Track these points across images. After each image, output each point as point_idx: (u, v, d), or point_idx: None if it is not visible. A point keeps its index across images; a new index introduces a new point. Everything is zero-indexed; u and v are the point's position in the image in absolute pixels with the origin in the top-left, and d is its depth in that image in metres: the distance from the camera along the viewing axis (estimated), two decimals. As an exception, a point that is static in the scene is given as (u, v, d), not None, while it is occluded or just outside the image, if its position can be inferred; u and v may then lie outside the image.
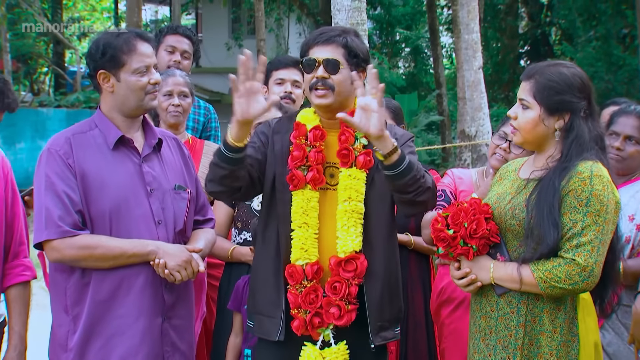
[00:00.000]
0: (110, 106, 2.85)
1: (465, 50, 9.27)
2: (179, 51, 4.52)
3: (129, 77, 2.79)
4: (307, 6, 19.29)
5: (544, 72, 2.61)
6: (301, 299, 2.73)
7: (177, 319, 2.86)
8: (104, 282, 2.73)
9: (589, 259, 2.46)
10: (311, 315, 2.74)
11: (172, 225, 2.86)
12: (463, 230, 2.58)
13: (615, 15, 15.65)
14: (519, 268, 2.52)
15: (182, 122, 3.98)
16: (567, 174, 2.51)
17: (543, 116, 2.58)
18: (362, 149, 2.81)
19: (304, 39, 12.58)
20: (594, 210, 2.47)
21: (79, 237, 2.68)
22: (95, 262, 2.70)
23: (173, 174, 2.93)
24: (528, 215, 2.53)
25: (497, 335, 2.60)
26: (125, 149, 2.83)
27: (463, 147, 10.38)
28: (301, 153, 2.78)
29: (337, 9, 5.49)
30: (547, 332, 2.55)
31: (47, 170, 2.73)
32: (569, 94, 2.57)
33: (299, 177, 2.77)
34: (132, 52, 2.78)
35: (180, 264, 2.74)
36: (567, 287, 2.47)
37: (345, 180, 2.77)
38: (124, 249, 2.71)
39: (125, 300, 2.74)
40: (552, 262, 2.49)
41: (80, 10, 28.29)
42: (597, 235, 2.47)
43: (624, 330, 3.09)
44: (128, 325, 2.74)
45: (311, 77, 2.79)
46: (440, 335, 3.69)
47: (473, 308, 2.73)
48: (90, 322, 2.72)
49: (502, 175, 2.83)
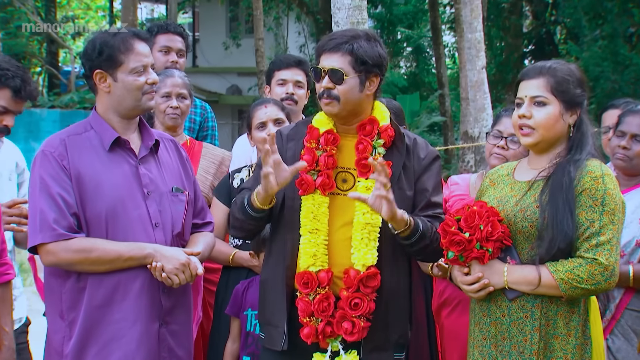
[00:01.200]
0: (106, 107, 2.85)
1: (468, 49, 9.27)
2: (173, 51, 4.51)
3: (126, 77, 2.79)
4: (307, 4, 19.29)
5: (554, 68, 2.63)
6: (314, 307, 2.72)
7: (175, 324, 2.86)
8: (100, 287, 2.72)
9: (610, 258, 2.47)
10: (324, 324, 2.72)
11: (169, 228, 2.85)
12: (479, 233, 2.56)
13: (622, 14, 15.63)
14: (538, 269, 2.52)
15: (180, 124, 3.97)
16: (578, 170, 2.52)
17: (562, 111, 2.61)
18: (380, 159, 2.80)
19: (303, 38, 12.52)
20: (610, 209, 2.49)
21: (75, 240, 2.68)
22: (91, 265, 2.70)
23: (170, 176, 2.93)
24: (542, 215, 2.53)
25: (512, 340, 2.59)
26: (121, 150, 2.83)
27: (466, 148, 10.39)
28: (311, 157, 2.78)
29: (337, 7, 5.48)
30: (562, 336, 2.55)
31: (41, 172, 2.72)
32: (580, 88, 2.63)
33: (308, 181, 2.76)
34: (129, 51, 2.79)
35: (178, 267, 2.74)
36: (589, 287, 2.47)
37: (363, 191, 2.73)
38: (121, 252, 2.71)
39: (121, 305, 2.73)
40: (572, 262, 2.49)
41: (74, 9, 28.28)
42: (614, 234, 2.50)
43: (633, 336, 3.10)
44: (125, 331, 2.73)
45: (319, 87, 2.81)
46: (441, 336, 3.70)
47: (478, 315, 2.70)
48: (86, 328, 2.72)
49: (494, 180, 2.81)
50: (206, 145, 4.13)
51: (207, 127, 4.63)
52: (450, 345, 3.56)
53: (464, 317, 3.24)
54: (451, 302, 3.53)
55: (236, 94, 22.42)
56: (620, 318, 3.10)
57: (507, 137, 3.39)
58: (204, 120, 4.62)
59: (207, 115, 4.64)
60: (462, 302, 3.38)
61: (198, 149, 4.04)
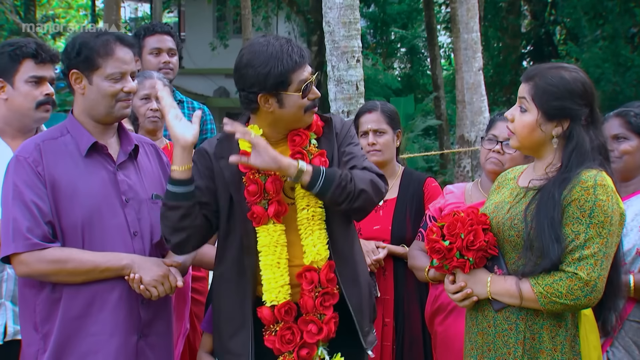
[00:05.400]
0: (81, 109, 2.83)
1: (464, 50, 9.29)
2: (164, 51, 4.51)
3: (101, 82, 2.76)
4: (297, 4, 19.32)
5: (544, 74, 2.60)
6: (278, 343, 2.74)
7: (154, 336, 2.84)
8: (76, 298, 2.70)
9: (592, 273, 2.45)
10: (296, 352, 2.74)
11: (148, 237, 2.84)
12: (459, 242, 2.56)
13: (624, 14, 15.71)
14: (518, 282, 2.52)
15: (160, 127, 3.96)
16: (569, 184, 2.50)
17: (540, 121, 2.58)
18: (315, 150, 2.80)
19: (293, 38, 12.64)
20: (598, 221, 2.46)
21: (49, 250, 2.66)
22: (67, 277, 2.68)
23: (150, 183, 2.91)
24: (527, 226, 2.52)
25: (496, 352, 2.59)
26: (98, 156, 2.81)
27: (462, 153, 10.41)
28: (257, 186, 2.73)
29: (329, 6, 5.49)
30: (547, 350, 2.54)
31: (15, 179, 2.70)
32: (569, 100, 2.56)
33: (260, 213, 2.73)
34: (108, 56, 2.76)
35: (157, 278, 2.72)
36: (568, 302, 2.46)
37: (299, 188, 2.76)
38: (97, 263, 2.69)
39: (98, 317, 2.71)
40: (553, 276, 2.48)
41: (54, 8, 28.22)
42: (600, 248, 2.46)
43: (634, 348, 3.09)
44: (101, 344, 2.71)
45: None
46: (434, 344, 3.70)
47: (468, 324, 2.72)
48: (61, 341, 2.69)
49: (500, 183, 2.83)
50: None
51: (205, 130, 4.62)
52: (444, 353, 3.56)
53: (457, 324, 3.24)
54: (445, 309, 3.54)
55: (224, 97, 22.43)
56: (620, 329, 3.09)
57: (502, 142, 3.41)
58: (202, 123, 4.61)
59: (206, 118, 4.64)
60: (456, 308, 3.38)
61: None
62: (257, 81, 2.65)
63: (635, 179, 3.28)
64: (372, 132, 3.84)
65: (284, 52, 2.66)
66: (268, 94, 2.67)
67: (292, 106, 2.70)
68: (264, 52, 2.65)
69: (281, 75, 2.65)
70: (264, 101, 2.69)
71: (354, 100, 5.46)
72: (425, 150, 15.35)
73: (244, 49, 2.74)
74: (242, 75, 2.69)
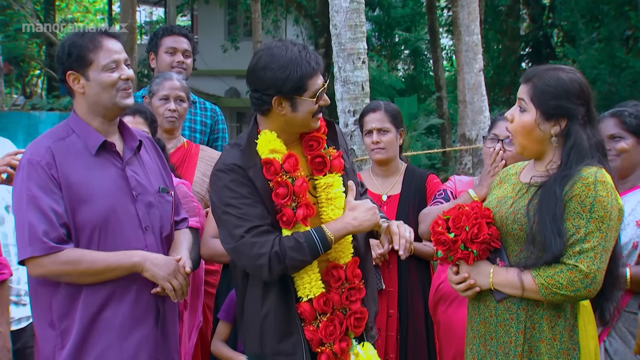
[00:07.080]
0: (85, 109, 2.78)
1: (465, 52, 9.26)
2: (179, 51, 4.52)
3: (98, 75, 2.72)
4: (305, 8, 19.29)
5: (542, 76, 2.60)
6: (321, 334, 2.68)
7: (166, 325, 2.84)
8: (96, 294, 2.68)
9: (592, 266, 2.46)
10: (338, 344, 2.70)
11: (158, 230, 2.82)
12: (464, 234, 2.58)
13: (618, 17, 15.64)
14: (520, 274, 2.53)
15: (177, 127, 3.96)
16: (570, 181, 2.50)
17: (539, 120, 2.58)
18: (333, 151, 2.78)
19: (301, 40, 12.53)
20: (598, 216, 2.47)
21: (63, 252, 2.62)
22: (79, 277, 2.65)
23: (154, 177, 2.89)
24: (530, 221, 2.53)
25: (498, 341, 2.61)
26: (107, 154, 2.77)
27: (463, 151, 10.38)
28: (287, 189, 2.65)
29: (335, 10, 5.49)
30: (547, 340, 2.55)
31: (28, 183, 2.63)
32: (566, 99, 2.57)
33: (291, 216, 2.65)
34: (98, 48, 2.72)
35: (170, 272, 2.72)
36: (568, 293, 2.47)
37: (322, 190, 2.74)
38: (109, 262, 2.66)
39: (118, 311, 2.70)
40: (554, 268, 2.49)
41: (73, 12, 28.26)
42: (600, 241, 2.48)
43: (630, 338, 3.09)
44: (123, 337, 2.70)
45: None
46: (437, 332, 3.70)
47: (471, 313, 2.74)
48: (81, 336, 2.67)
49: (502, 178, 2.83)
50: (203, 148, 4.12)
51: (217, 130, 4.62)
52: (447, 341, 3.57)
53: (459, 313, 3.25)
54: (448, 298, 3.54)
55: (235, 97, 22.42)
56: (617, 320, 3.09)
57: (503, 140, 3.41)
58: (214, 123, 4.61)
59: (218, 118, 4.64)
60: (458, 297, 3.39)
61: (195, 152, 4.03)
62: (274, 84, 2.60)
63: (632, 176, 3.28)
64: (376, 130, 3.85)
65: (302, 58, 2.62)
66: (283, 97, 2.63)
67: (304, 111, 2.67)
68: (283, 56, 2.60)
69: (300, 80, 2.61)
70: (278, 104, 2.65)
71: (360, 100, 5.47)
72: (428, 148, 15.34)
73: (261, 51, 2.68)
74: (258, 77, 2.64)
